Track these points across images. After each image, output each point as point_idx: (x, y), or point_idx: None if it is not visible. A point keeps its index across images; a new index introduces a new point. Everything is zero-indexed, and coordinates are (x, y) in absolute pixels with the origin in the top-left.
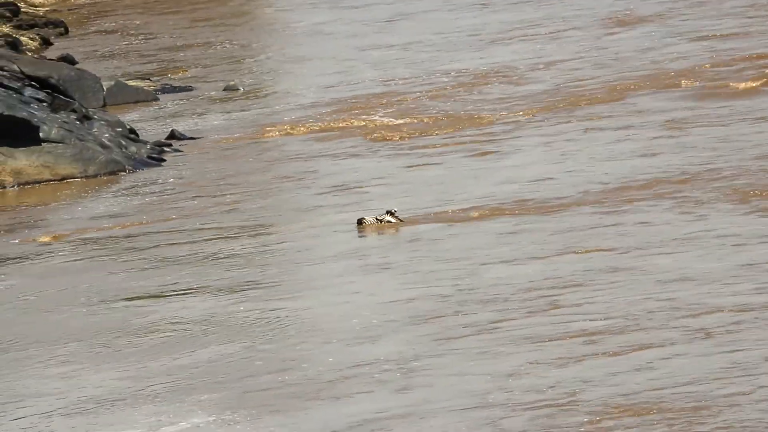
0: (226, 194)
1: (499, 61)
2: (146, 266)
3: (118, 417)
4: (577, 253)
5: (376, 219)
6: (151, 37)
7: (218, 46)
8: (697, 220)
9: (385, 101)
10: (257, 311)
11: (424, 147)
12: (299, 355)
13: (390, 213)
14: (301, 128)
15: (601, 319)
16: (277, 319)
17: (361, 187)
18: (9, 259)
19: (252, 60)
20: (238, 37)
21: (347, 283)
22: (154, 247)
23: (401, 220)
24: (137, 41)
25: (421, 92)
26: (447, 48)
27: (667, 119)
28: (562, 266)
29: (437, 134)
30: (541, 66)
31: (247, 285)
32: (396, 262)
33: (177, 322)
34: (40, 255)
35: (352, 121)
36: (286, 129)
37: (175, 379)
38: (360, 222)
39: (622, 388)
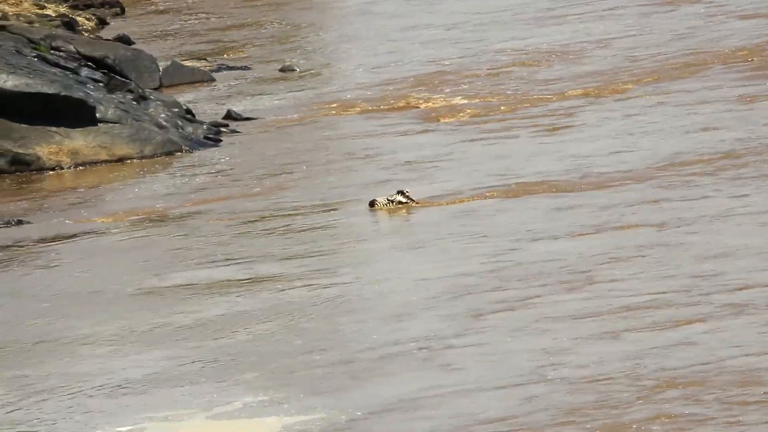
0: (283, 173)
1: (550, 40)
2: (201, 245)
3: (168, 397)
4: (624, 228)
5: (388, 200)
6: (205, 17)
7: (271, 26)
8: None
9: (438, 81)
10: (302, 289)
11: (486, 124)
12: (344, 332)
13: (401, 193)
14: (358, 107)
15: (645, 294)
16: (322, 298)
17: (425, 164)
18: (65, 238)
19: (306, 40)
20: (290, 17)
21: (392, 261)
22: (208, 226)
23: (414, 201)
24: (193, 21)
25: (476, 71)
26: (494, 27)
27: (736, 95)
28: (607, 241)
29: (500, 112)
30: (594, 44)
31: (299, 263)
32: (444, 238)
33: (226, 302)
34: (95, 235)
35: (408, 100)
36: (342, 108)
37: (223, 358)
38: (372, 204)
39: (668, 363)
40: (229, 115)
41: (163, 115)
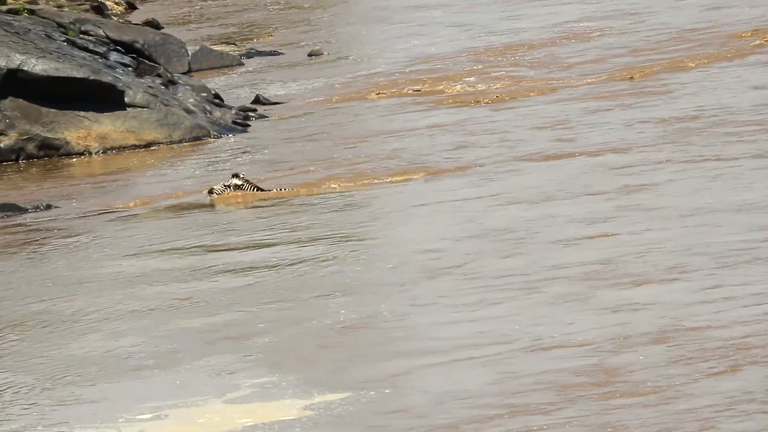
0: (315, 158)
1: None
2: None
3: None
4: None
5: (224, 186)
6: (235, 1)
7: (301, 11)
8: None
9: (470, 67)
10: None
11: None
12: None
13: (235, 176)
14: (390, 92)
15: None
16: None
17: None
18: (95, 222)
19: (335, 24)
20: (325, 1)
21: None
22: (238, 210)
23: (250, 183)
24: (222, 6)
25: (506, 56)
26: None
27: None
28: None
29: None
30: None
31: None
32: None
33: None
34: (123, 219)
35: (444, 84)
36: (374, 93)
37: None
38: (210, 192)
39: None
40: (258, 100)
41: (191, 100)
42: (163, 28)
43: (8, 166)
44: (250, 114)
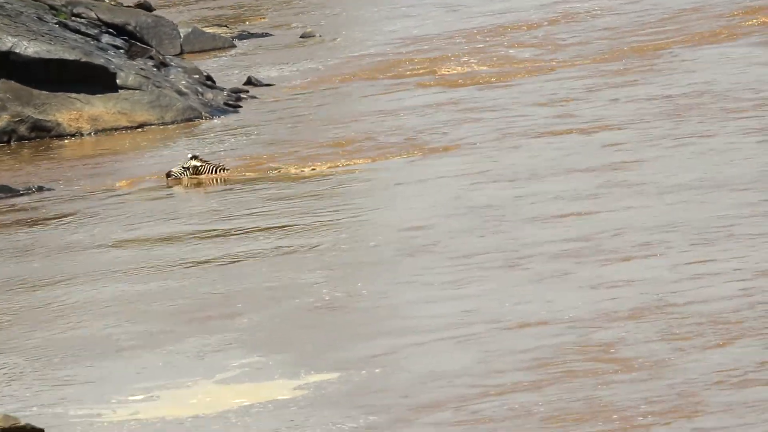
0: (307, 137)
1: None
2: (218, 207)
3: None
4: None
5: (182, 168)
6: None
7: None
8: None
9: (458, 50)
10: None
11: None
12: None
13: (195, 158)
14: (381, 74)
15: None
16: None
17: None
18: (86, 203)
19: (326, 7)
20: None
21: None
22: (230, 191)
23: (209, 163)
24: None
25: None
26: None
27: None
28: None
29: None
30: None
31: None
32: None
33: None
34: (115, 200)
35: (433, 67)
36: (363, 75)
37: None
38: (168, 175)
39: None
40: (249, 81)
41: (183, 82)
42: (155, 10)
43: (0, 148)
44: (242, 95)
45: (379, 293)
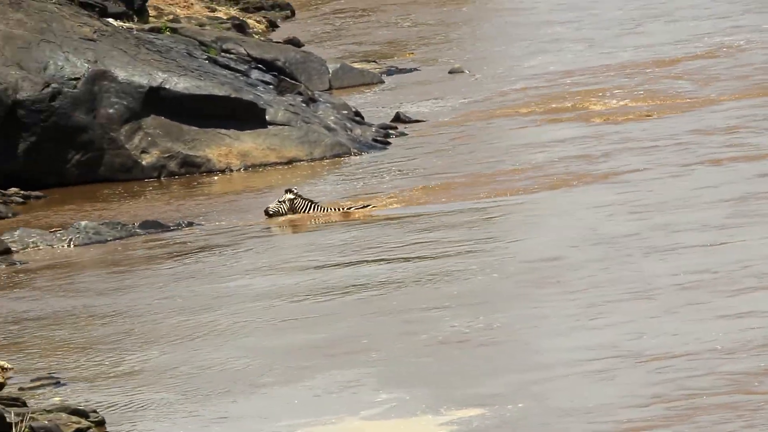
0: (459, 175)
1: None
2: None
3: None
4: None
5: (278, 202)
6: (375, 19)
7: (441, 28)
8: None
9: (610, 85)
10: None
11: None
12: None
13: (288, 191)
14: (531, 109)
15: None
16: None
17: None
18: (228, 238)
19: (474, 41)
20: (459, 18)
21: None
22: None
23: (302, 197)
24: (362, 23)
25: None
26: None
27: None
28: None
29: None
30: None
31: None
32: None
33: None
34: (260, 237)
35: (585, 102)
36: (515, 110)
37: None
38: (267, 212)
39: None
40: (398, 118)
41: (332, 118)
42: (303, 45)
43: (150, 183)
44: (391, 132)
45: (511, 326)
